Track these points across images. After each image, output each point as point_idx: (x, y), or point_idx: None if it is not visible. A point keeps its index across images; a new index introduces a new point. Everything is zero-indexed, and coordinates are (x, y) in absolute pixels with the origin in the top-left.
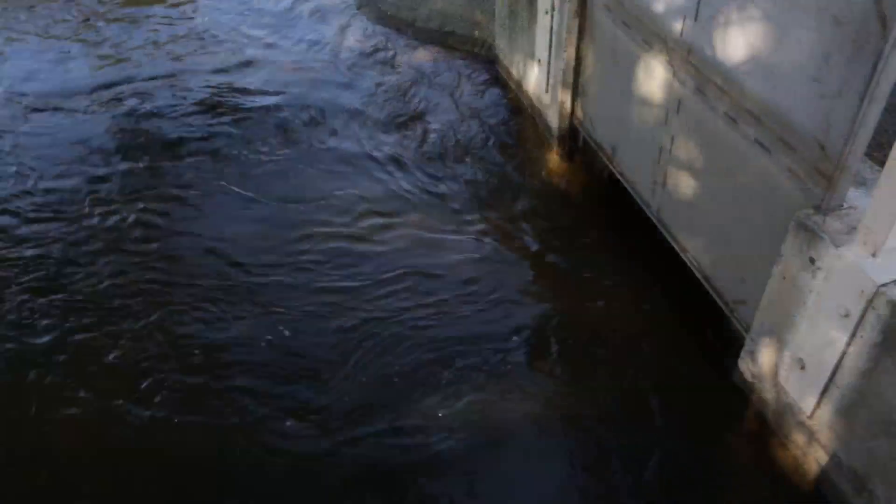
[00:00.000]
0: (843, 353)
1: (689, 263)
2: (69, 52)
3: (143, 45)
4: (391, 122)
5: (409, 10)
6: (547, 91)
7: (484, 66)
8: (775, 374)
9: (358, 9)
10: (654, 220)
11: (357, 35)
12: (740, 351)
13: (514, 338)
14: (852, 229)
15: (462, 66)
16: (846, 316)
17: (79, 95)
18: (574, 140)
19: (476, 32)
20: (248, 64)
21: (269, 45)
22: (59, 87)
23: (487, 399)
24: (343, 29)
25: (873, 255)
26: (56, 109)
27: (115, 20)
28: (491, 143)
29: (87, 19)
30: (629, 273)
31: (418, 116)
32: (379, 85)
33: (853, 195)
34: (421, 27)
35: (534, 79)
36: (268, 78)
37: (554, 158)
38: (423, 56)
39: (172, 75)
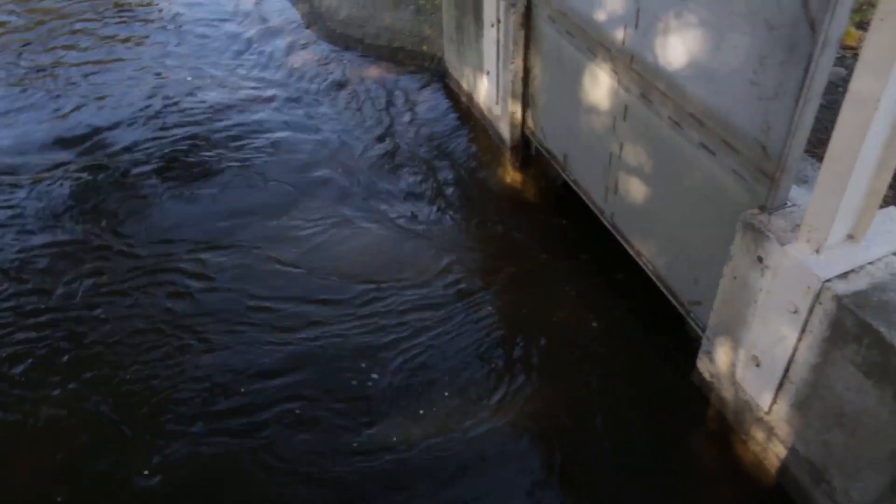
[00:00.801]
0: (795, 349)
1: (644, 267)
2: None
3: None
4: (342, 140)
5: (357, 27)
6: (497, 102)
7: (434, 80)
8: (732, 372)
9: (307, 27)
10: (609, 226)
11: (306, 53)
12: (698, 351)
13: (476, 346)
14: (797, 227)
15: (413, 81)
16: (795, 312)
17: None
18: (527, 149)
19: (425, 47)
20: (197, 89)
21: (216, 67)
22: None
23: (451, 411)
24: (292, 47)
25: (817, 251)
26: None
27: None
28: (444, 155)
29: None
30: (587, 279)
31: (369, 131)
32: (329, 103)
33: (797, 193)
34: (370, 44)
35: (484, 91)
36: (215, 102)
37: (508, 169)
38: (374, 72)
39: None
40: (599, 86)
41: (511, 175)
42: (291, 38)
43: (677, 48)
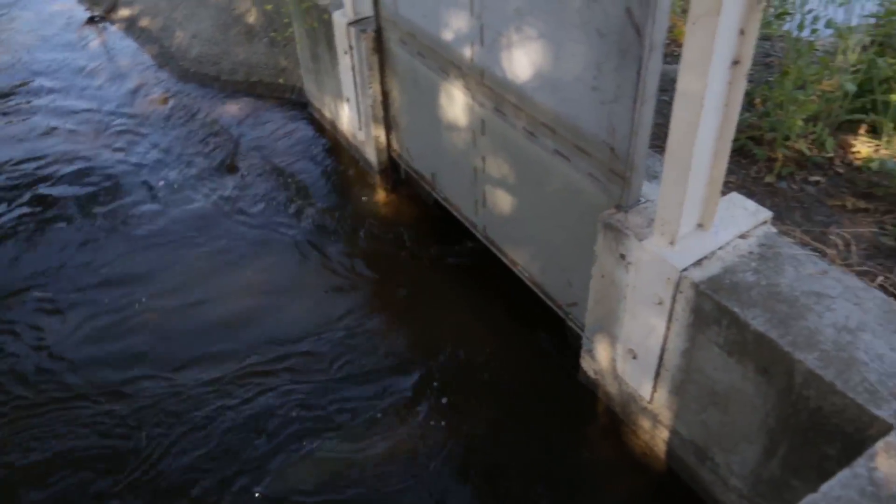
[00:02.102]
0: (665, 338)
1: (521, 275)
2: None
3: None
4: (202, 177)
5: (211, 63)
6: (361, 128)
7: (296, 111)
8: (613, 367)
9: (159, 68)
10: (483, 239)
11: (158, 94)
12: (581, 351)
13: (362, 373)
14: (652, 222)
15: (273, 114)
16: (660, 304)
17: None
18: (396, 172)
19: (282, 79)
20: (47, 134)
21: (64, 112)
22: None
23: (343, 440)
24: (142, 89)
25: (671, 243)
26: None
27: None
28: (313, 185)
29: None
30: (469, 294)
31: (233, 169)
32: (186, 141)
33: (650, 189)
34: (227, 80)
35: (346, 118)
36: (64, 149)
37: (380, 193)
38: (232, 108)
39: None
40: (455, 103)
41: (383, 199)
42: (141, 80)
43: (522, 61)
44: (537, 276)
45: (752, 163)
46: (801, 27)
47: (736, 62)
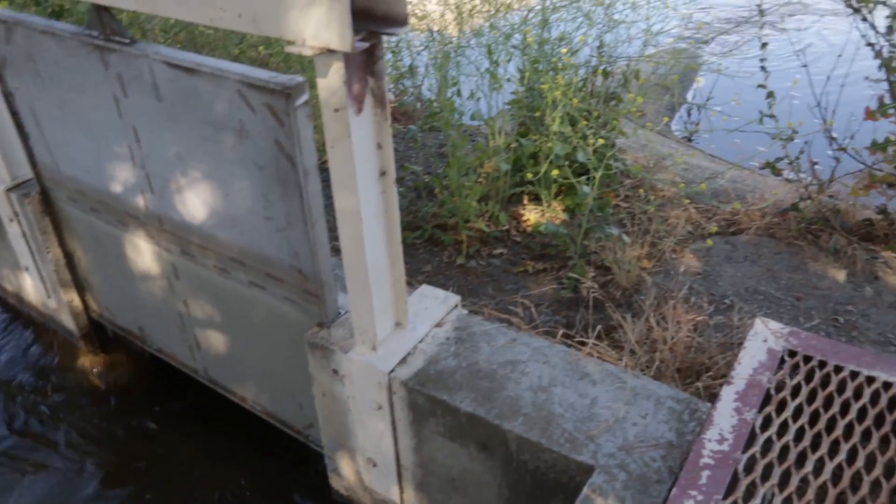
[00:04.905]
0: (395, 440)
1: (253, 410)
2: None
3: None
4: None
5: None
6: (50, 296)
7: None
8: (360, 479)
9: None
10: (207, 382)
11: None
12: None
13: None
14: (353, 332)
15: None
16: (380, 408)
17: None
18: (103, 333)
19: None
20: None
21: None
22: None
23: None
24: None
25: (374, 349)
26: None
27: None
28: (10, 368)
29: None
30: (209, 443)
31: None
32: None
33: (347, 300)
34: None
35: (31, 288)
36: None
37: (87, 359)
38: None
39: None
40: (143, 253)
41: (92, 366)
42: None
43: (196, 202)
44: (269, 406)
45: (442, 249)
46: (461, 116)
47: (383, 173)
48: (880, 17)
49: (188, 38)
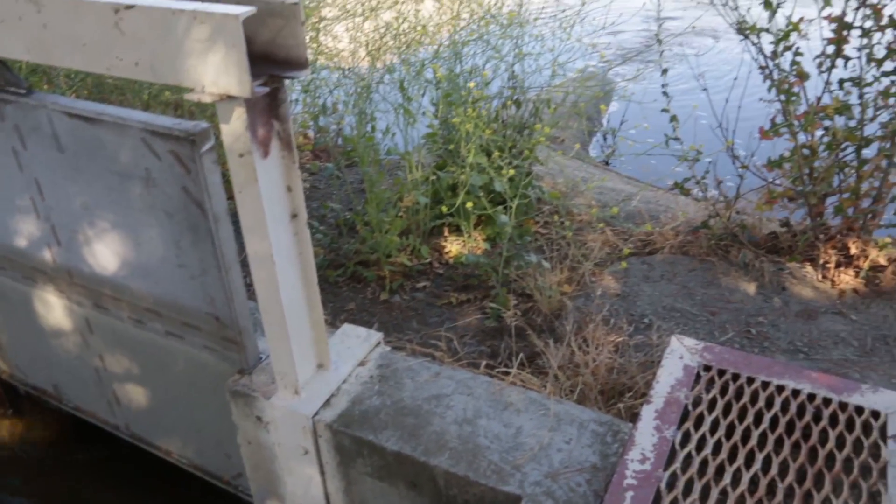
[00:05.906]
0: (324, 484)
1: (179, 464)
2: None
3: None
4: None
5: None
6: None
7: None
8: None
9: None
10: (129, 439)
11: None
12: None
13: None
14: (274, 378)
15: None
16: (306, 453)
17: None
18: (15, 393)
19: None
20: None
21: None
22: None
23: None
24: None
25: (296, 392)
26: None
27: None
28: None
29: None
30: (134, 500)
31: None
32: None
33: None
34: None
35: None
36: None
37: (1, 423)
38: None
39: None
40: (53, 308)
41: (5, 427)
42: None
43: (105, 253)
44: (195, 459)
45: (366, 286)
46: (376, 152)
47: (294, 215)
48: (767, 42)
49: (96, 84)
